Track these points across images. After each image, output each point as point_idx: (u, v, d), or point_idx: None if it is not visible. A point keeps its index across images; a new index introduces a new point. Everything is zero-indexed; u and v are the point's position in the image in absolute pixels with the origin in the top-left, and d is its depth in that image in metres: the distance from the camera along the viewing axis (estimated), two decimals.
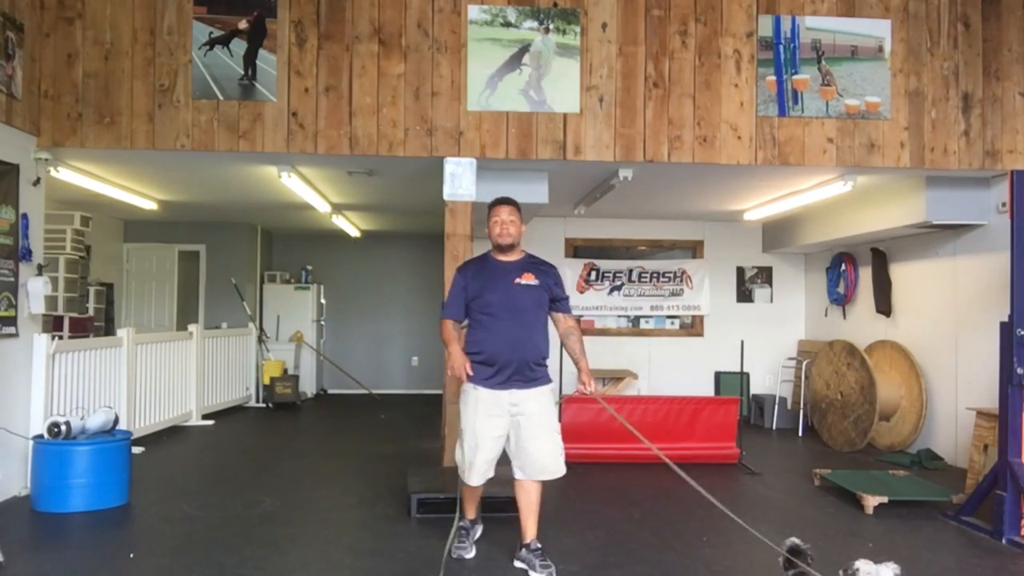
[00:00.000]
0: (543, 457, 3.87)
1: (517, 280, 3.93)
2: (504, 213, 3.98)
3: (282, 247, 11.96)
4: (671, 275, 9.67)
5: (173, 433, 7.81)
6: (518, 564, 3.95)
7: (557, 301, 4.05)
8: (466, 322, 4.05)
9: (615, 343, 9.59)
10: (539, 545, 3.93)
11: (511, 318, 3.88)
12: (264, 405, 10.09)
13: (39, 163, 5.41)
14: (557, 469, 3.92)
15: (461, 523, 4.17)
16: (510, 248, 4.01)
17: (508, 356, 3.85)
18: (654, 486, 5.81)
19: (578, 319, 4.34)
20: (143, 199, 8.10)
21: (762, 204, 8.00)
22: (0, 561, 3.79)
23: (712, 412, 6.72)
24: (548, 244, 9.44)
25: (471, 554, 4.12)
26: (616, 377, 9.13)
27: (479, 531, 4.34)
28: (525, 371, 3.88)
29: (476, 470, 3.90)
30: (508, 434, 3.91)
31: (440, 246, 5.74)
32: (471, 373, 3.81)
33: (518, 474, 3.93)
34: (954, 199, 6.41)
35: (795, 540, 3.17)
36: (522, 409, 3.86)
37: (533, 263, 4.06)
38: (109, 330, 8.87)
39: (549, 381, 4.00)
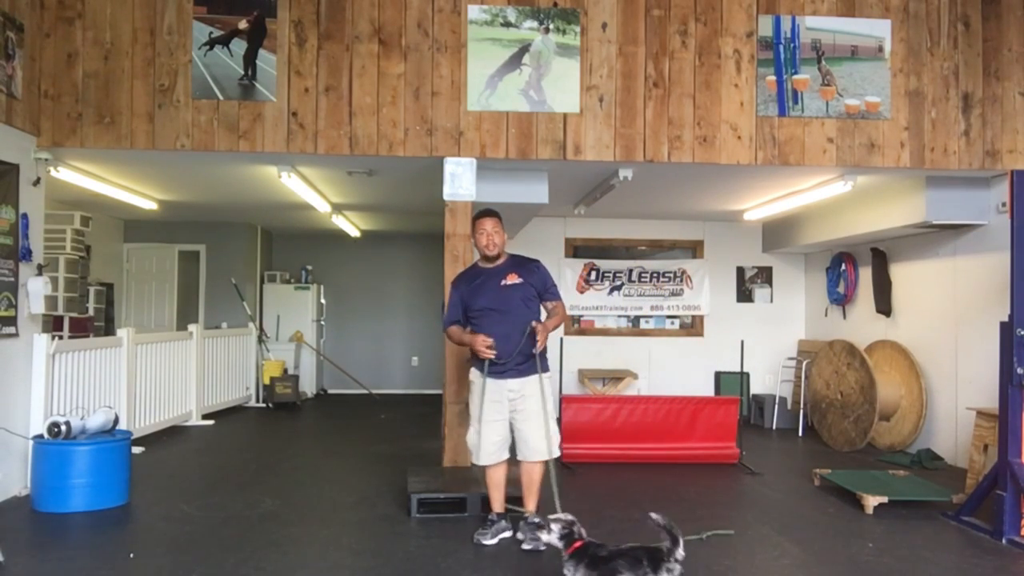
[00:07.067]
0: (534, 439, 4.29)
1: (503, 282, 4.37)
2: (489, 225, 4.41)
3: (282, 247, 11.95)
4: (671, 275, 9.67)
5: (173, 433, 7.80)
6: (518, 535, 4.17)
7: (544, 292, 4.45)
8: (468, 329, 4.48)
9: (615, 343, 9.60)
10: (536, 519, 4.08)
11: (501, 317, 4.31)
12: (264, 405, 10.09)
13: (39, 163, 5.41)
14: (547, 450, 4.29)
15: (490, 516, 4.42)
16: (496, 256, 4.43)
17: (501, 350, 4.24)
18: (654, 486, 5.82)
19: (565, 306, 4.73)
20: (143, 199, 8.10)
21: (762, 204, 8.00)
22: (0, 561, 3.79)
23: (712, 412, 6.72)
24: (548, 244, 9.44)
25: (488, 541, 4.29)
26: (616, 377, 9.13)
27: (505, 528, 4.38)
28: (518, 362, 4.28)
29: (484, 451, 4.35)
30: (510, 420, 4.34)
31: (440, 246, 5.74)
32: (496, 350, 4.22)
33: (518, 455, 4.37)
34: (954, 199, 6.41)
35: None
36: (515, 396, 4.30)
37: (517, 263, 4.47)
38: (109, 330, 8.87)
39: (544, 371, 4.38)
